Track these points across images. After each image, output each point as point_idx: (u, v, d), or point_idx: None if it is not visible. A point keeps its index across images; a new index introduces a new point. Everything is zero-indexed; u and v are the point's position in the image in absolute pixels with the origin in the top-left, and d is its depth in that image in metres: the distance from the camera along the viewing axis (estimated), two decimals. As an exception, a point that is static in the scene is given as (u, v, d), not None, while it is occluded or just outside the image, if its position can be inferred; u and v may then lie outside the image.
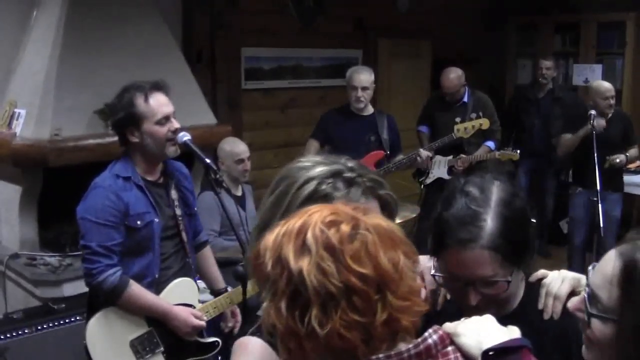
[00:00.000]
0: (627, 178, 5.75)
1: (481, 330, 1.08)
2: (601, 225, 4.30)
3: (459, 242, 1.37)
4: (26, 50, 4.24)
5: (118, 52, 4.13)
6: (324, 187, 1.22)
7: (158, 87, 2.67)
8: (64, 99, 3.93)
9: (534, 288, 1.50)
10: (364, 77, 4.57)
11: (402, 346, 1.00)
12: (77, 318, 3.49)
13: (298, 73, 6.00)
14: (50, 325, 3.44)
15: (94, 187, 2.61)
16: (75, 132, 3.92)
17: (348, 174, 1.25)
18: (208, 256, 3.05)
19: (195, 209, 2.95)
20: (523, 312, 1.48)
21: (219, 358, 2.97)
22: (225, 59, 5.36)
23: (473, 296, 1.40)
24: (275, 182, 1.28)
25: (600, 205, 4.34)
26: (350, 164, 1.28)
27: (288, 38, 5.82)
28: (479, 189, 1.41)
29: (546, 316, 1.45)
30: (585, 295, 1.10)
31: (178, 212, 2.77)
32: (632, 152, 5.10)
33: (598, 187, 4.36)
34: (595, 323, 1.07)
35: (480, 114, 5.01)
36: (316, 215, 1.00)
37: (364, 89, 4.54)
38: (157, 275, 2.68)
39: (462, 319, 1.13)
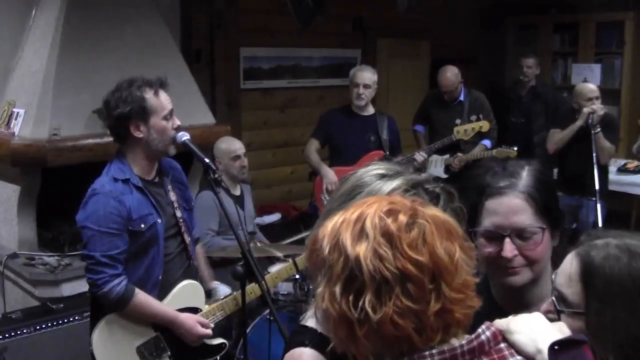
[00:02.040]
0: (626, 178, 5.76)
1: (534, 328, 1.10)
2: (600, 225, 4.28)
3: (497, 190, 1.48)
4: (25, 49, 4.23)
5: (117, 51, 4.12)
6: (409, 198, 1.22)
7: (164, 84, 2.67)
8: (62, 98, 3.93)
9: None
10: (366, 74, 4.62)
11: (455, 342, 1.01)
12: (76, 318, 3.49)
13: (297, 73, 6.01)
14: (49, 325, 3.43)
15: (93, 194, 2.54)
16: (73, 132, 3.92)
17: (428, 186, 1.26)
18: (199, 253, 3.02)
19: (193, 203, 2.95)
20: None
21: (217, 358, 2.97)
22: (224, 58, 5.36)
23: (510, 247, 1.45)
24: (349, 188, 1.28)
25: (599, 205, 4.33)
26: (423, 175, 1.31)
27: (287, 38, 5.82)
28: (515, 162, 1.57)
29: None
30: (553, 297, 1.23)
31: (178, 214, 2.75)
32: (608, 144, 4.72)
33: (597, 187, 4.35)
34: (565, 319, 1.19)
35: (481, 116, 5.03)
36: (375, 205, 1.01)
37: (366, 86, 4.58)
38: (160, 277, 2.66)
39: (511, 316, 1.13)
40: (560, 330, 1.12)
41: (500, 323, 1.09)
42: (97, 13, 4.12)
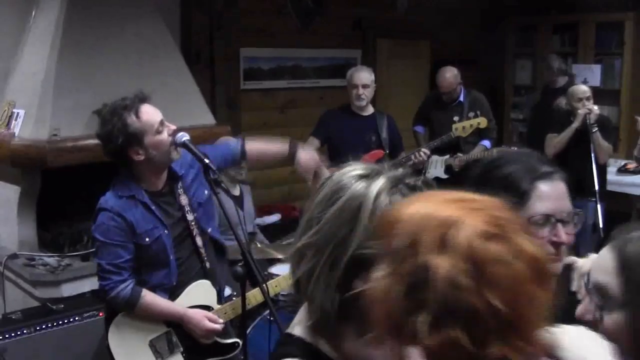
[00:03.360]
0: (626, 178, 5.76)
1: (582, 345, 1.07)
2: (601, 226, 4.28)
3: (544, 174, 1.45)
4: (25, 50, 4.23)
5: (117, 52, 4.12)
6: (395, 196, 1.15)
7: (143, 98, 2.65)
8: (62, 99, 3.93)
9: (564, 275, 1.54)
10: (364, 74, 4.63)
11: None
12: (76, 318, 3.49)
13: (297, 73, 6.01)
14: (49, 325, 3.43)
15: (99, 209, 2.64)
16: (73, 133, 3.92)
17: (409, 180, 1.18)
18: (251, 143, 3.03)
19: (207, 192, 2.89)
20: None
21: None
22: (224, 59, 5.36)
23: (564, 231, 1.43)
24: (329, 193, 1.17)
25: (599, 206, 4.33)
26: (401, 170, 1.22)
27: (287, 38, 5.82)
28: (538, 153, 1.53)
29: (580, 297, 1.48)
30: (591, 295, 1.19)
31: (189, 217, 2.77)
32: (606, 144, 4.77)
33: (596, 187, 4.35)
34: (607, 316, 1.16)
35: (478, 112, 5.04)
36: (474, 215, 0.85)
37: (365, 86, 4.59)
38: (175, 283, 2.73)
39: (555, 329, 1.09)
40: (603, 346, 1.09)
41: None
42: (97, 13, 4.12)
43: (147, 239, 2.64)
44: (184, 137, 2.66)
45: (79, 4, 4.04)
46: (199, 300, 2.79)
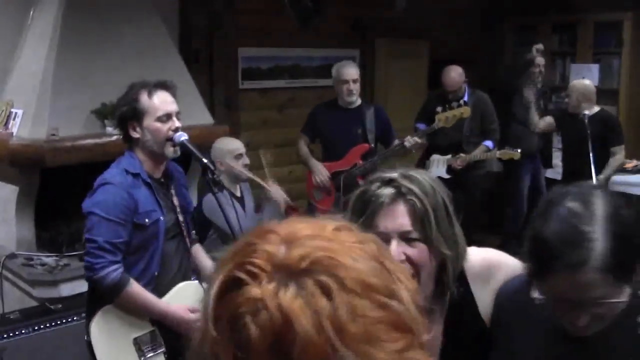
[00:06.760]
0: (625, 178, 5.76)
1: None
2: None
3: (568, 266, 1.25)
4: (23, 50, 4.23)
5: (115, 52, 4.12)
6: (370, 191, 1.47)
7: (164, 85, 2.71)
8: (61, 99, 3.93)
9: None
10: (353, 70, 4.66)
11: None
12: (74, 318, 3.49)
13: (295, 73, 6.01)
14: (47, 325, 3.44)
15: (104, 183, 2.60)
16: (72, 132, 3.92)
17: (385, 176, 1.48)
18: (199, 250, 3.05)
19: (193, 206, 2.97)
20: (624, 322, 1.37)
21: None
22: (222, 58, 5.36)
23: (583, 317, 1.29)
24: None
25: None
26: (398, 172, 1.50)
27: (285, 38, 5.81)
28: (581, 203, 1.29)
29: None
30: None
31: (180, 217, 2.79)
32: (618, 157, 4.91)
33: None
34: None
35: (462, 102, 4.99)
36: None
37: (355, 81, 4.62)
38: (156, 273, 2.70)
39: None
40: None
41: None
42: (96, 13, 4.12)
43: (146, 220, 2.63)
44: (182, 136, 2.67)
45: (77, 4, 4.04)
46: (186, 301, 2.76)
